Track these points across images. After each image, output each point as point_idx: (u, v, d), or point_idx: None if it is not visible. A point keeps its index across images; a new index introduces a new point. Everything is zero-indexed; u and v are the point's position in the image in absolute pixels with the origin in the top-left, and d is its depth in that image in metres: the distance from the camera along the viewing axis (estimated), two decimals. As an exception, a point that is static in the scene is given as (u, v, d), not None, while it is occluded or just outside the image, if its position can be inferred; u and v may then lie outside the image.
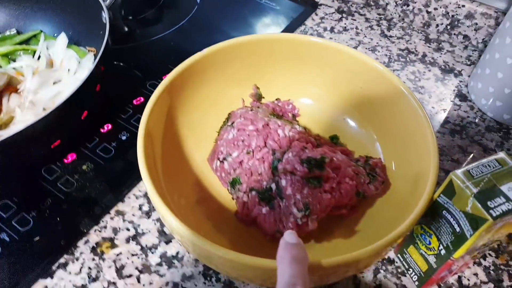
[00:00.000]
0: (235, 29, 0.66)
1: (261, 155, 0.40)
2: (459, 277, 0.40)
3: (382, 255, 0.33)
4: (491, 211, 0.30)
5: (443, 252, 0.35)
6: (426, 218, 0.36)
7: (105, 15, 0.47)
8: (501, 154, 0.33)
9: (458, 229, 0.33)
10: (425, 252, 0.37)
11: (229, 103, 0.49)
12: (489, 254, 0.42)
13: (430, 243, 0.37)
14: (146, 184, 0.34)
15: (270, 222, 0.39)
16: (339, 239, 0.40)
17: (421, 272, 0.39)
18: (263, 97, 0.51)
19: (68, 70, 0.50)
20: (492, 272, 0.41)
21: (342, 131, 0.48)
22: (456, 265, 0.37)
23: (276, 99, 0.50)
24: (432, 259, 0.37)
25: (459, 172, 0.32)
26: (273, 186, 0.39)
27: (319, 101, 0.50)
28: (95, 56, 0.47)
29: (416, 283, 0.40)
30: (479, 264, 0.41)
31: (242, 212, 0.41)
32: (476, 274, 0.41)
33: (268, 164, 0.40)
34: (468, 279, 0.40)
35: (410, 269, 0.40)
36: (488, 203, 0.30)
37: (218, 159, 0.43)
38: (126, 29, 0.67)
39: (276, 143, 0.41)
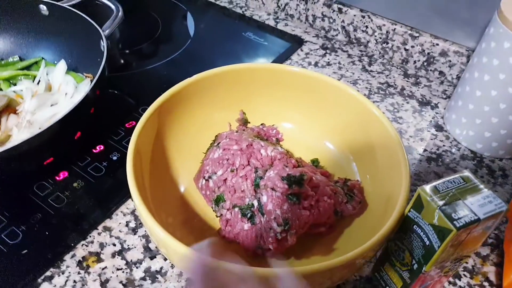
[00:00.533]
0: (226, 62, 0.69)
1: (244, 173, 0.43)
2: (433, 294, 0.42)
3: (354, 267, 0.35)
4: (455, 222, 0.32)
5: (415, 266, 0.37)
6: (399, 234, 0.37)
7: (103, 44, 0.51)
8: (466, 172, 0.35)
9: (427, 242, 0.35)
10: (400, 268, 0.39)
11: (216, 127, 0.51)
12: (464, 275, 0.44)
13: (403, 259, 0.38)
14: (134, 196, 0.36)
15: (251, 238, 0.41)
16: (317, 256, 0.42)
17: None
18: (249, 122, 0.54)
19: (66, 94, 0.53)
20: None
21: (322, 155, 0.51)
22: (430, 281, 0.38)
23: (261, 124, 0.53)
24: (406, 275, 0.38)
25: (426, 187, 0.34)
26: (255, 202, 0.41)
27: (301, 126, 0.53)
28: (92, 81, 0.50)
29: None
30: (454, 284, 0.43)
31: (225, 229, 0.43)
32: (450, 292, 0.42)
33: (251, 181, 0.42)
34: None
35: (387, 287, 0.41)
36: (453, 215, 0.32)
37: (204, 177, 0.45)
38: (122, 61, 0.71)
39: (259, 161, 0.43)
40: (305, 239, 0.42)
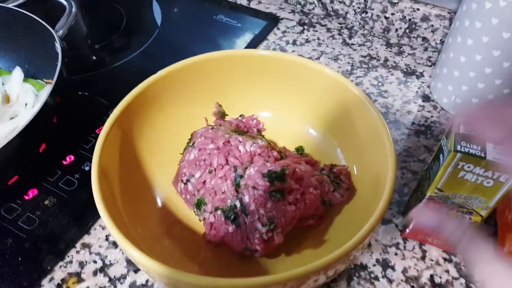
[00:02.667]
0: (199, 48, 0.66)
1: (223, 173, 0.40)
2: (431, 275, 0.40)
3: (348, 259, 0.33)
4: (458, 146, 0.31)
5: (425, 194, 0.37)
6: (430, 163, 0.38)
7: (58, 46, 0.47)
8: None
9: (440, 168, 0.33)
10: (419, 199, 0.39)
11: (192, 123, 0.48)
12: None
13: (424, 188, 0.38)
14: (103, 218, 0.33)
15: (237, 240, 0.39)
16: (308, 249, 0.40)
17: None
18: (227, 115, 0.50)
19: (26, 104, 0.50)
20: (463, 267, 0.41)
21: (306, 142, 0.48)
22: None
23: (240, 116, 0.50)
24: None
25: (461, 116, 0.33)
26: (237, 203, 0.39)
27: (282, 114, 0.50)
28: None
29: None
30: (450, 260, 0.41)
31: (210, 233, 0.40)
32: (447, 271, 0.40)
33: (231, 181, 0.39)
34: (440, 277, 0.40)
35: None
36: (463, 143, 0.31)
37: (182, 181, 0.42)
38: (94, 58, 0.67)
39: (237, 159, 0.41)
40: (294, 233, 0.40)
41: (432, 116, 0.56)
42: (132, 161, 0.43)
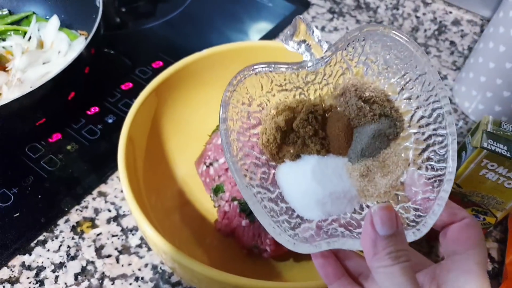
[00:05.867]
0: (227, 25, 0.67)
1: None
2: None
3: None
4: (484, 143, 0.31)
5: None
6: None
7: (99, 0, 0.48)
8: None
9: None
10: None
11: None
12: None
13: None
14: (124, 188, 0.34)
15: (248, 236, 0.38)
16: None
17: None
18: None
19: (59, 52, 0.51)
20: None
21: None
22: None
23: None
24: None
25: (490, 116, 0.34)
26: None
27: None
28: (86, 39, 0.47)
29: None
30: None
31: (222, 221, 0.40)
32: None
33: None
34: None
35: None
36: (490, 141, 0.31)
37: (205, 163, 0.42)
38: (118, 19, 0.68)
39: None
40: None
41: (450, 118, 0.56)
42: (160, 132, 0.43)
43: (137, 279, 0.39)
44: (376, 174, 0.25)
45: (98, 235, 0.42)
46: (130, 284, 0.39)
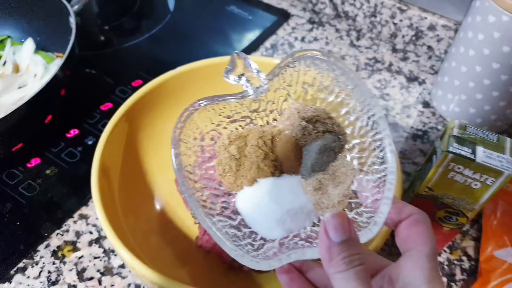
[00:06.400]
0: (209, 38, 0.67)
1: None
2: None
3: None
4: (450, 147, 0.32)
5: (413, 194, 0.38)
6: (424, 164, 0.39)
7: (72, 20, 0.48)
8: (506, 137, 0.34)
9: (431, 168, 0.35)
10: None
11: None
12: (444, 251, 0.44)
13: (415, 187, 0.39)
14: (98, 214, 0.34)
15: None
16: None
17: None
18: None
19: (35, 75, 0.50)
20: (446, 267, 0.42)
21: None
22: None
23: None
24: None
25: (457, 121, 0.35)
26: None
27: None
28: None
29: None
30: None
31: (202, 238, 0.40)
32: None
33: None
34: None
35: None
36: (455, 145, 0.32)
37: None
38: (102, 38, 0.68)
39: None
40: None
41: (430, 122, 0.57)
42: (135, 154, 0.43)
43: (119, 302, 0.39)
44: (328, 186, 0.26)
45: (79, 258, 0.41)
46: (113, 307, 0.38)
